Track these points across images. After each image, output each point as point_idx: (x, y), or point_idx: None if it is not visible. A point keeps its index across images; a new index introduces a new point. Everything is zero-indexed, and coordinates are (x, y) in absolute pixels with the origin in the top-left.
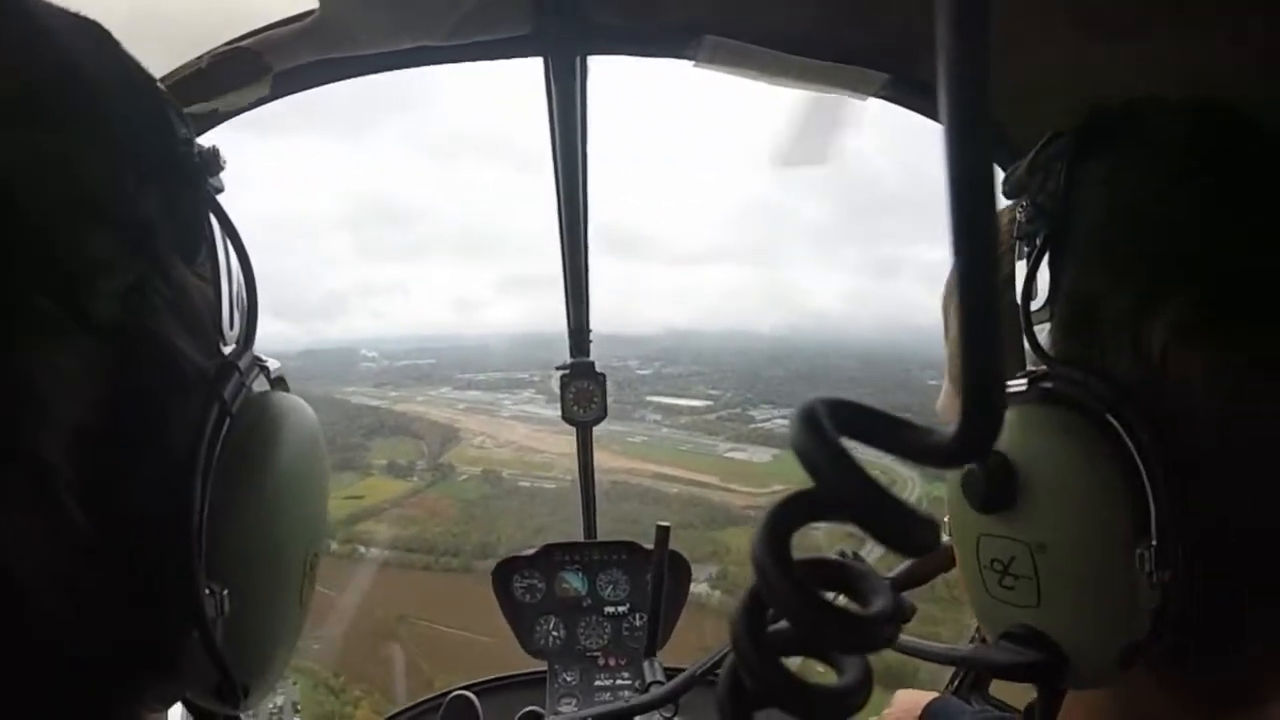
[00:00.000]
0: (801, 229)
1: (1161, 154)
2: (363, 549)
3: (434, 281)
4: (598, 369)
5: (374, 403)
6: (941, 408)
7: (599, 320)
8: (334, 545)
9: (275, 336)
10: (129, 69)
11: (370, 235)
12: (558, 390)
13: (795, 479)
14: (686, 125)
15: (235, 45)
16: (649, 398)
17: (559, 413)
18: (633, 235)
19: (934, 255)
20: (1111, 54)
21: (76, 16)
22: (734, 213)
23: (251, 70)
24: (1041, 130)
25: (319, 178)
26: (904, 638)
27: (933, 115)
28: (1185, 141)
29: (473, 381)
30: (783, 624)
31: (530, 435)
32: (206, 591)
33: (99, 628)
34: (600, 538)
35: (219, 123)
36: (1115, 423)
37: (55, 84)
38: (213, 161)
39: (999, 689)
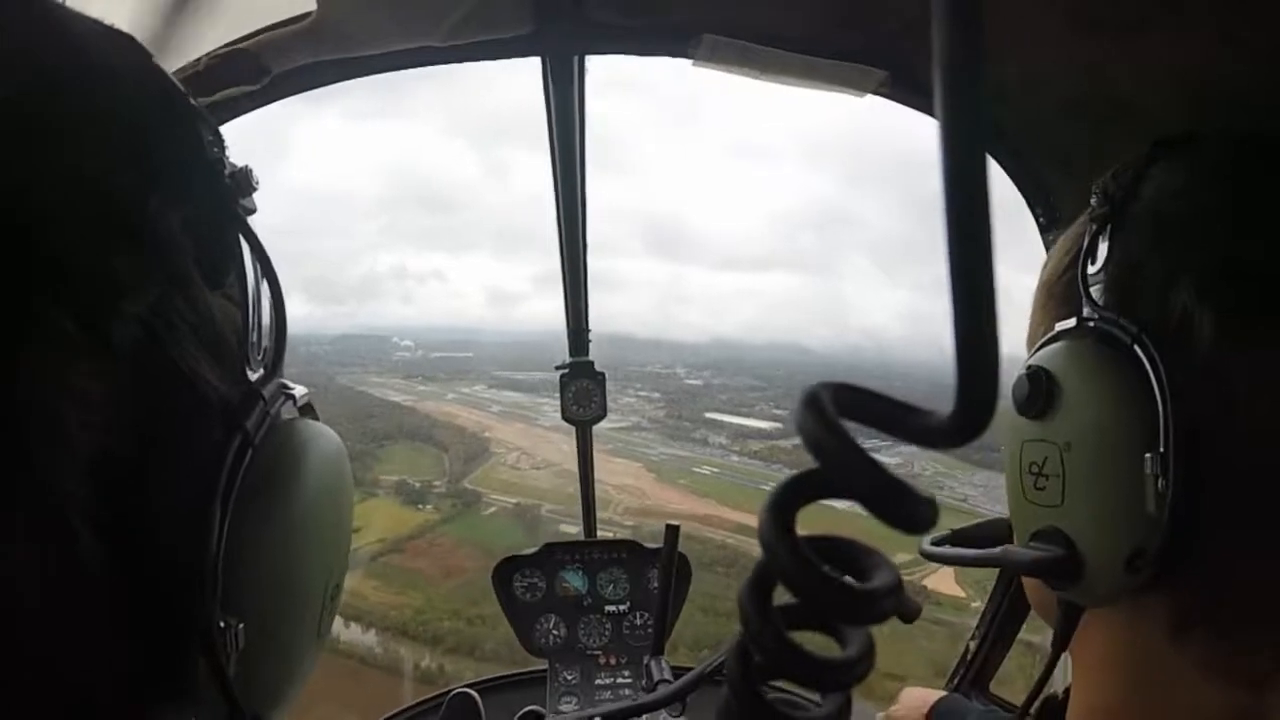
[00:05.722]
0: (862, 238)
1: (1200, 169)
2: (340, 624)
3: (472, 269)
4: (646, 372)
5: (397, 397)
6: None
7: (640, 323)
8: None
9: (307, 319)
10: (160, 85)
11: (406, 218)
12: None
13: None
14: (745, 117)
15: (234, 47)
16: (709, 415)
17: (609, 425)
18: (679, 236)
19: (1005, 278)
20: (1109, 52)
21: (110, 30)
22: (789, 216)
23: (250, 72)
24: (1041, 127)
25: (353, 154)
26: (934, 549)
27: (932, 113)
28: (1216, 162)
29: (510, 380)
30: (789, 599)
31: (576, 453)
32: (221, 624)
33: (109, 658)
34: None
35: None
36: (1139, 351)
37: (79, 98)
38: (244, 182)
39: (1000, 688)
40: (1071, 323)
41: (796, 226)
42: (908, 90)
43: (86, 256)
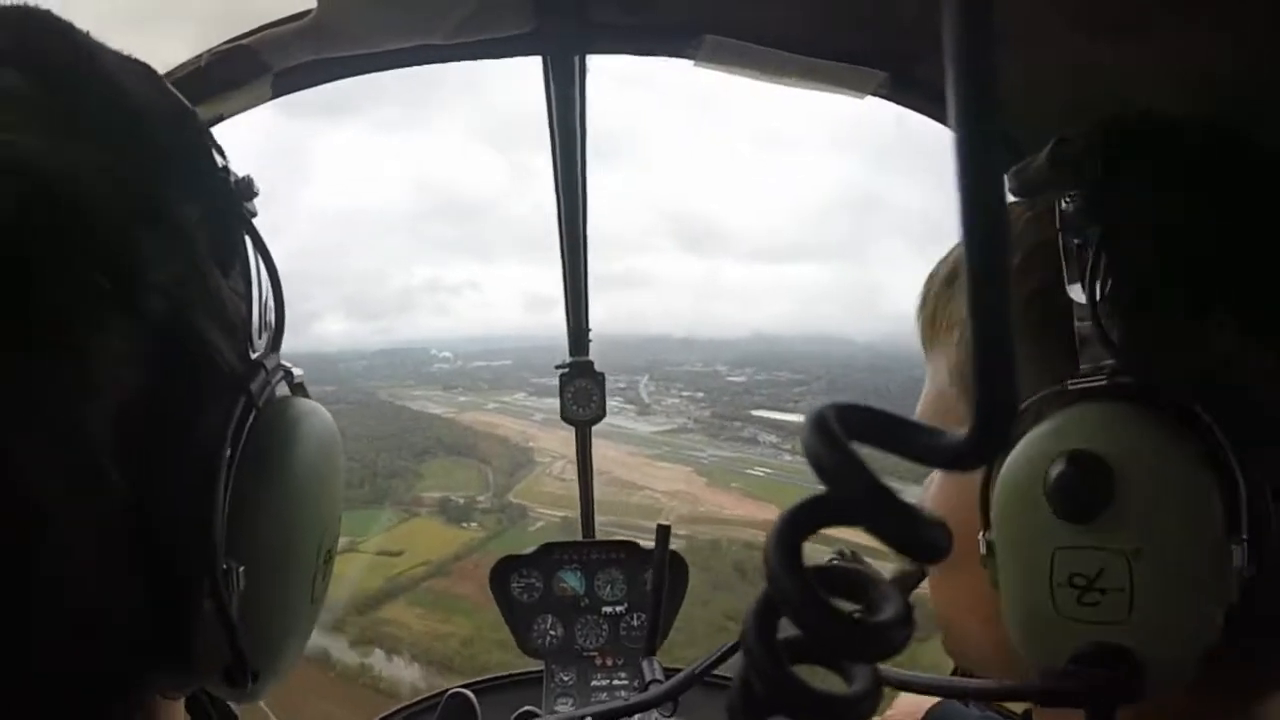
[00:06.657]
0: (895, 220)
1: (1192, 166)
2: (382, 658)
3: (506, 276)
4: (686, 371)
5: (437, 410)
6: (920, 411)
7: (675, 323)
8: (345, 650)
9: (346, 336)
10: (172, 102)
11: (437, 229)
12: (645, 397)
13: None
14: (769, 105)
15: (235, 44)
16: (755, 412)
17: (654, 429)
18: (710, 230)
19: None
20: (1111, 53)
21: (126, 57)
22: (822, 202)
23: (251, 69)
24: (1041, 129)
25: (381, 169)
26: (899, 674)
27: (931, 114)
28: (1217, 156)
29: (550, 387)
30: (795, 631)
31: (623, 460)
32: (224, 567)
33: (126, 595)
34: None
35: (218, 122)
36: (1206, 417)
37: (104, 107)
38: (247, 188)
39: None
40: (1102, 380)
41: (827, 213)
42: (907, 91)
43: (120, 233)
